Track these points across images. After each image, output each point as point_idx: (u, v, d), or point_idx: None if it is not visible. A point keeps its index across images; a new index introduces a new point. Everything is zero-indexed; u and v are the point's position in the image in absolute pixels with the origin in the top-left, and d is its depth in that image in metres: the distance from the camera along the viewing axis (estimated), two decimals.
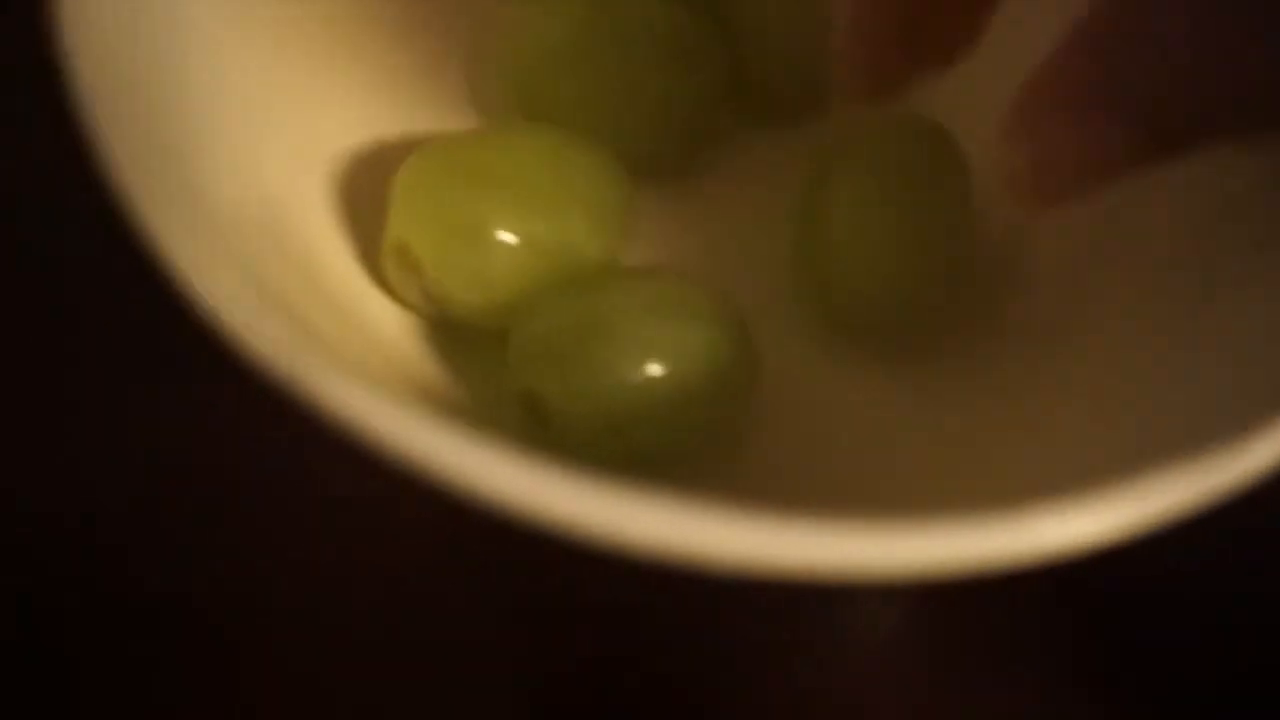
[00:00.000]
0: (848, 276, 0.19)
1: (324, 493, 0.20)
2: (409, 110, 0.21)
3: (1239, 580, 0.20)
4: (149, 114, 0.16)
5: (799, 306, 0.19)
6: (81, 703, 0.18)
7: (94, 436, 0.20)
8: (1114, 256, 0.18)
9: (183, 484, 0.20)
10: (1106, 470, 0.11)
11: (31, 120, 0.20)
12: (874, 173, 0.19)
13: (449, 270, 0.18)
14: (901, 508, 0.11)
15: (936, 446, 0.17)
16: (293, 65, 0.20)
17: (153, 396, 0.20)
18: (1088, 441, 0.14)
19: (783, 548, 0.10)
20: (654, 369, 0.17)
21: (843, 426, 0.18)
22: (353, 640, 0.19)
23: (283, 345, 0.12)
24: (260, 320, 0.12)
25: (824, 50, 0.20)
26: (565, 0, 0.21)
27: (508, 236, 0.18)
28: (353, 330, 0.17)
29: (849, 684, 0.18)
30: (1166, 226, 0.17)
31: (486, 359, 0.18)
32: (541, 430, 0.17)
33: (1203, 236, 0.17)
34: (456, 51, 0.22)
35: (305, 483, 0.20)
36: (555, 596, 0.19)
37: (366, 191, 0.19)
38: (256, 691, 0.19)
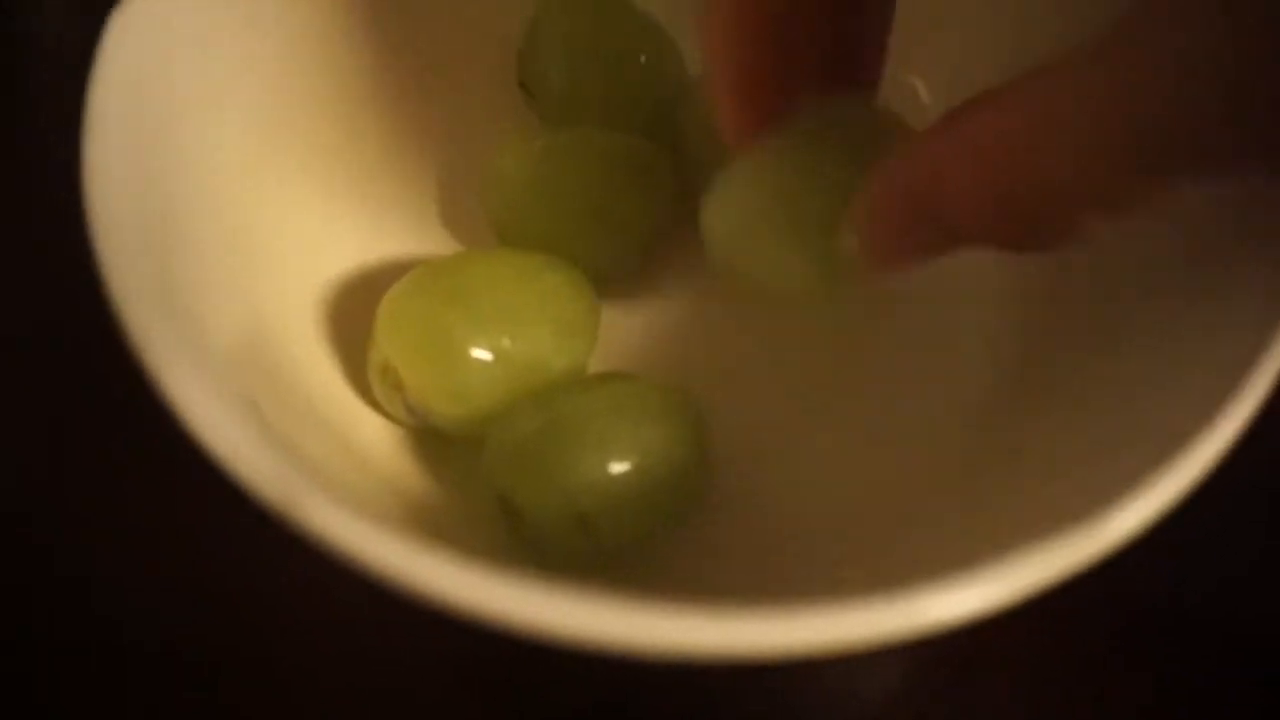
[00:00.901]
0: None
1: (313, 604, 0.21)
2: (394, 240, 0.23)
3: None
4: (157, 254, 0.18)
5: (746, 393, 0.22)
6: None
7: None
8: None
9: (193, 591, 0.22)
10: (983, 551, 0.13)
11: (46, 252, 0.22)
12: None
13: (429, 386, 0.20)
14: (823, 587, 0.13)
15: (857, 530, 0.18)
16: (289, 203, 0.22)
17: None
18: (968, 525, 0.16)
19: (700, 635, 0.12)
20: (614, 467, 0.19)
21: (785, 510, 0.20)
22: None
23: (275, 475, 0.14)
24: (255, 454, 0.14)
25: None
26: (533, 138, 0.23)
27: (482, 354, 0.20)
28: (340, 448, 0.19)
29: None
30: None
31: (466, 464, 0.20)
32: (517, 528, 0.19)
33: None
34: (437, 186, 0.24)
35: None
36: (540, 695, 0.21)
37: (355, 316, 0.21)
38: None
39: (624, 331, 0.23)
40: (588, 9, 0.24)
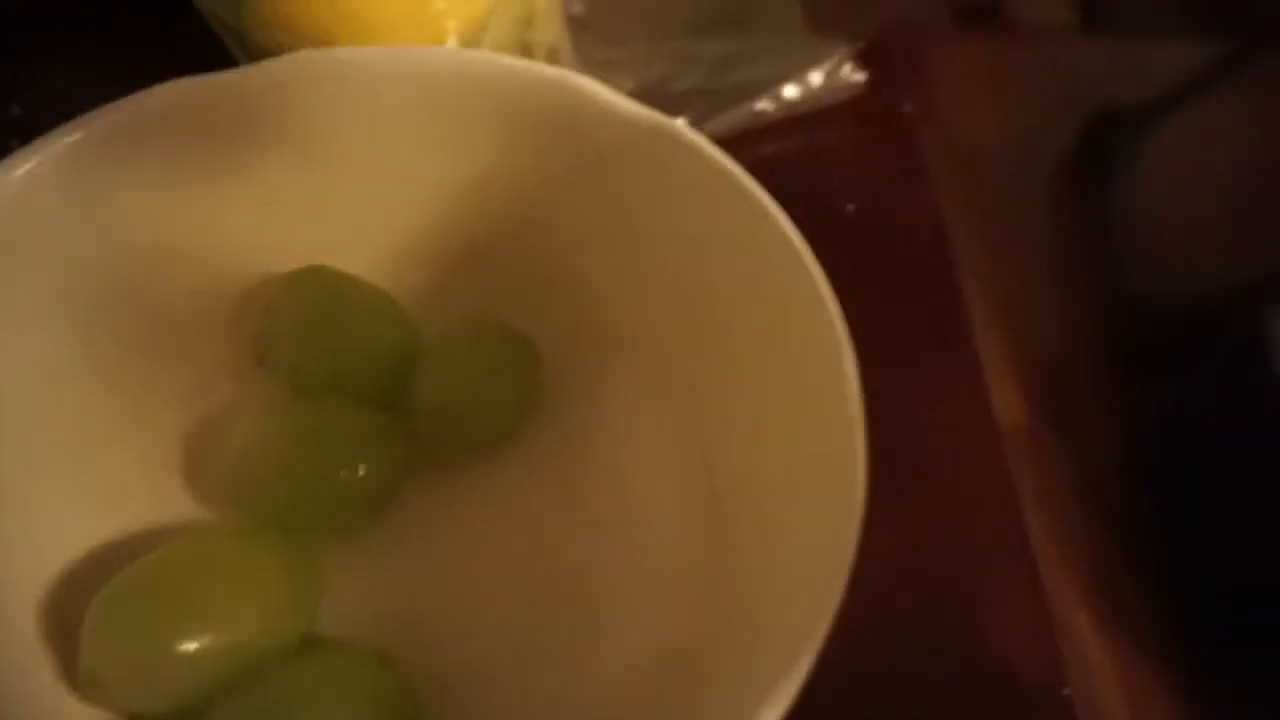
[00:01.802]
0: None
1: None
2: (135, 513, 0.24)
3: None
4: None
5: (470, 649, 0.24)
6: None
7: None
8: None
9: None
10: None
11: None
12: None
13: (132, 691, 0.21)
14: None
15: None
16: (20, 490, 0.23)
17: None
18: None
19: None
20: None
21: None
22: None
23: None
24: None
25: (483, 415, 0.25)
26: (266, 409, 0.25)
27: (184, 654, 0.21)
28: None
29: None
30: None
31: None
32: None
33: None
34: (181, 455, 0.25)
35: None
36: None
37: (83, 599, 0.22)
38: None
39: (351, 588, 0.24)
40: (318, 289, 0.25)
